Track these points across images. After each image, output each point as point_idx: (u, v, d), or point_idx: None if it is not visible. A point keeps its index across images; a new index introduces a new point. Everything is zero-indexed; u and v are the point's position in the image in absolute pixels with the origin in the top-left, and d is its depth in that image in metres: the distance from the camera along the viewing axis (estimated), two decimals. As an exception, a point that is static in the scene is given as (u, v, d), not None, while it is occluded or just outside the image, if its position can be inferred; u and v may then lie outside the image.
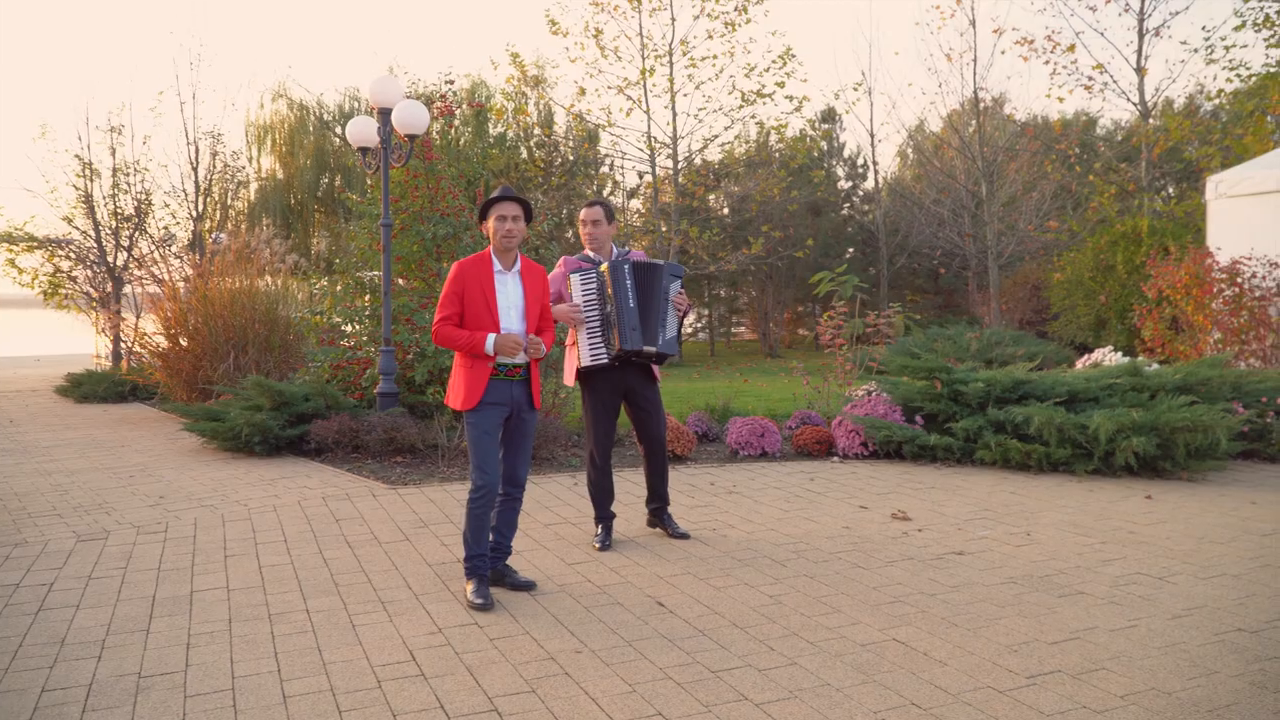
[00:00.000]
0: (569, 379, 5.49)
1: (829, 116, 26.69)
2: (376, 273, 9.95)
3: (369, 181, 10.61)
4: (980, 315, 22.21)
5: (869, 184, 27.03)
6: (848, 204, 27.32)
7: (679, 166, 21.06)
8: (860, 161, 27.26)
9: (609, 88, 20.54)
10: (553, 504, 6.49)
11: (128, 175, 16.32)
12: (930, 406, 7.91)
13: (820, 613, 4.24)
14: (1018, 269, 22.21)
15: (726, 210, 23.49)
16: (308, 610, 4.39)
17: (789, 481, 7.12)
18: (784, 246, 22.30)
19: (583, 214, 5.46)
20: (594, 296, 5.27)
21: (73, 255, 17.17)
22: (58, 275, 17.08)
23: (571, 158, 22.56)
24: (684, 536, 5.53)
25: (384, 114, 8.76)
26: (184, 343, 11.98)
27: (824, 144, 25.98)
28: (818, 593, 4.52)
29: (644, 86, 20.55)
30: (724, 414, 9.56)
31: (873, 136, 24.57)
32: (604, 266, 5.26)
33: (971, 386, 7.65)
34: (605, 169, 22.89)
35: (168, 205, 16.54)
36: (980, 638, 3.92)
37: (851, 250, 26.49)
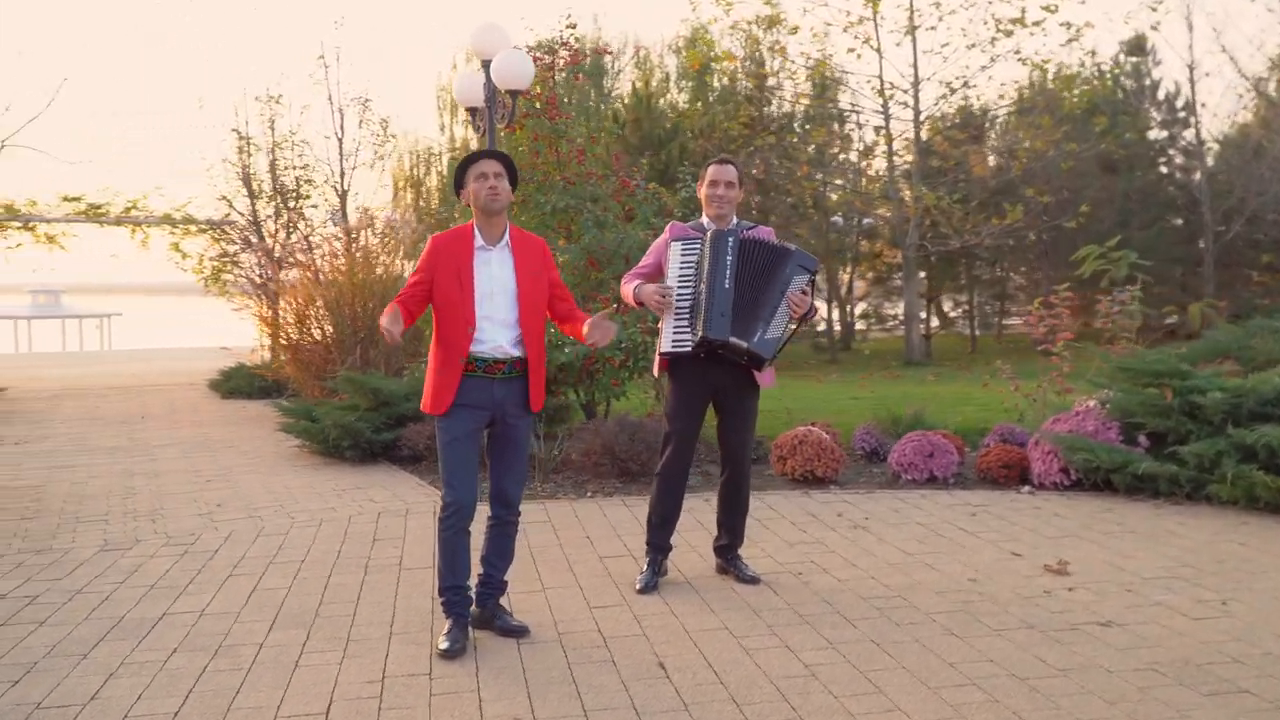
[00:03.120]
0: (655, 367, 5.36)
1: (1136, 48, 24.61)
2: None
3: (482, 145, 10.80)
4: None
5: (1190, 133, 24.68)
6: (1163, 159, 25.10)
7: (920, 118, 20.15)
8: (1180, 104, 24.94)
9: (828, 24, 19.99)
10: (629, 531, 6.34)
11: (285, 149, 17.64)
12: (1156, 423, 7.06)
13: (856, 692, 3.85)
14: None
15: (995, 166, 22.14)
16: (262, 644, 4.50)
17: (942, 516, 6.58)
18: (1052, 214, 20.74)
19: (710, 171, 5.22)
20: (691, 272, 5.09)
21: (237, 238, 18.76)
22: (221, 260, 18.75)
23: (796, 108, 22.13)
24: (752, 581, 5.24)
25: (488, 68, 8.91)
26: (316, 334, 12.81)
27: (1126, 81, 23.98)
28: (872, 664, 4.11)
29: (874, 20, 19.82)
30: (911, 426, 9.03)
31: (1191, 71, 22.41)
32: (708, 236, 5.07)
33: (1209, 397, 6.74)
34: (834, 124, 22.28)
35: (315, 183, 17.71)
36: (1052, 743, 3.40)
37: (1167, 218, 24.33)
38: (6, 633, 4.72)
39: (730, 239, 5.04)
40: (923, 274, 24.11)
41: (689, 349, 5.06)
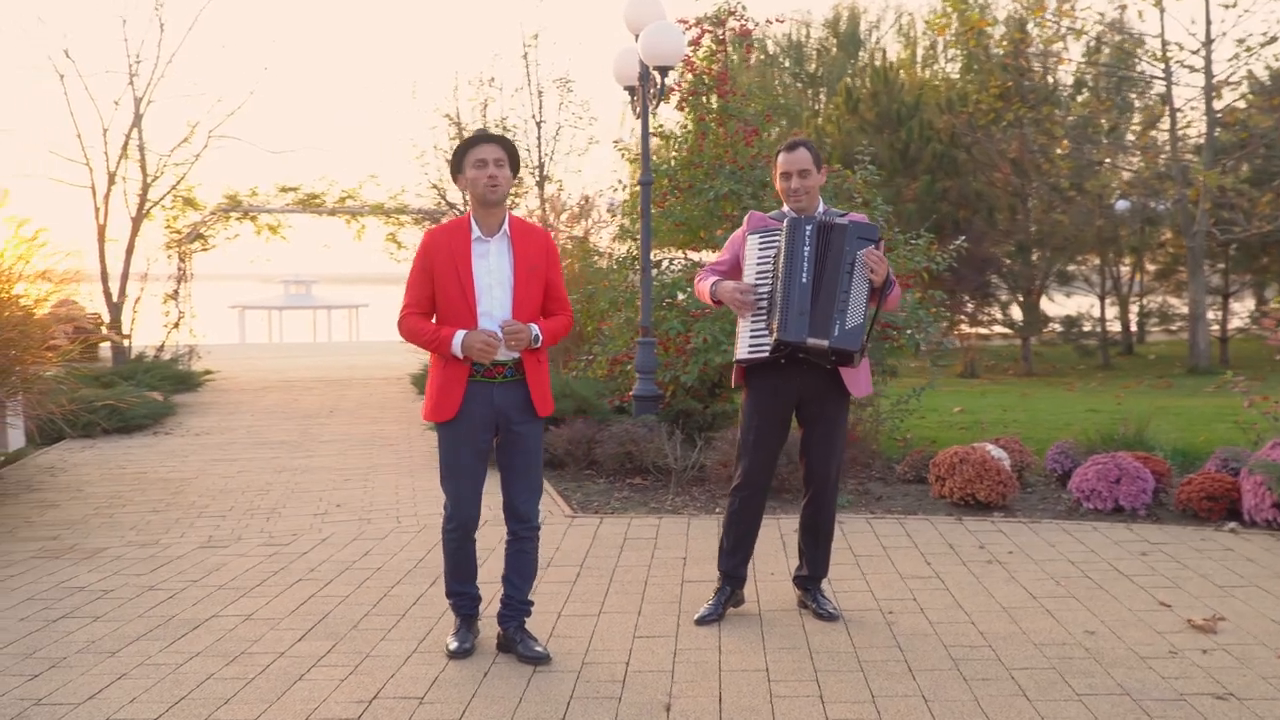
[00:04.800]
0: (734, 377, 5.25)
1: None
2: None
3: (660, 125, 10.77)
4: None
5: None
6: None
7: (1212, 83, 18.56)
8: None
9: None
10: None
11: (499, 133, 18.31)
12: (1398, 452, 6.23)
13: (865, 755, 3.61)
14: None
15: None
16: (282, 654, 4.70)
17: (1105, 553, 6.07)
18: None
19: (780, 161, 5.02)
20: (769, 267, 4.94)
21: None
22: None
23: (1062, 76, 20.94)
24: (829, 618, 5.01)
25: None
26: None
27: None
28: (906, 725, 3.84)
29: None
30: (1127, 445, 8.40)
31: None
32: (784, 225, 4.92)
33: None
34: (1105, 94, 20.91)
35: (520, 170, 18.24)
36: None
37: None
38: (60, 626, 5.14)
39: (808, 227, 4.82)
40: (1222, 266, 22.27)
41: (767, 354, 4.88)
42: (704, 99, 9.90)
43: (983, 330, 20.73)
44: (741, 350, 4.96)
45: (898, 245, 9.50)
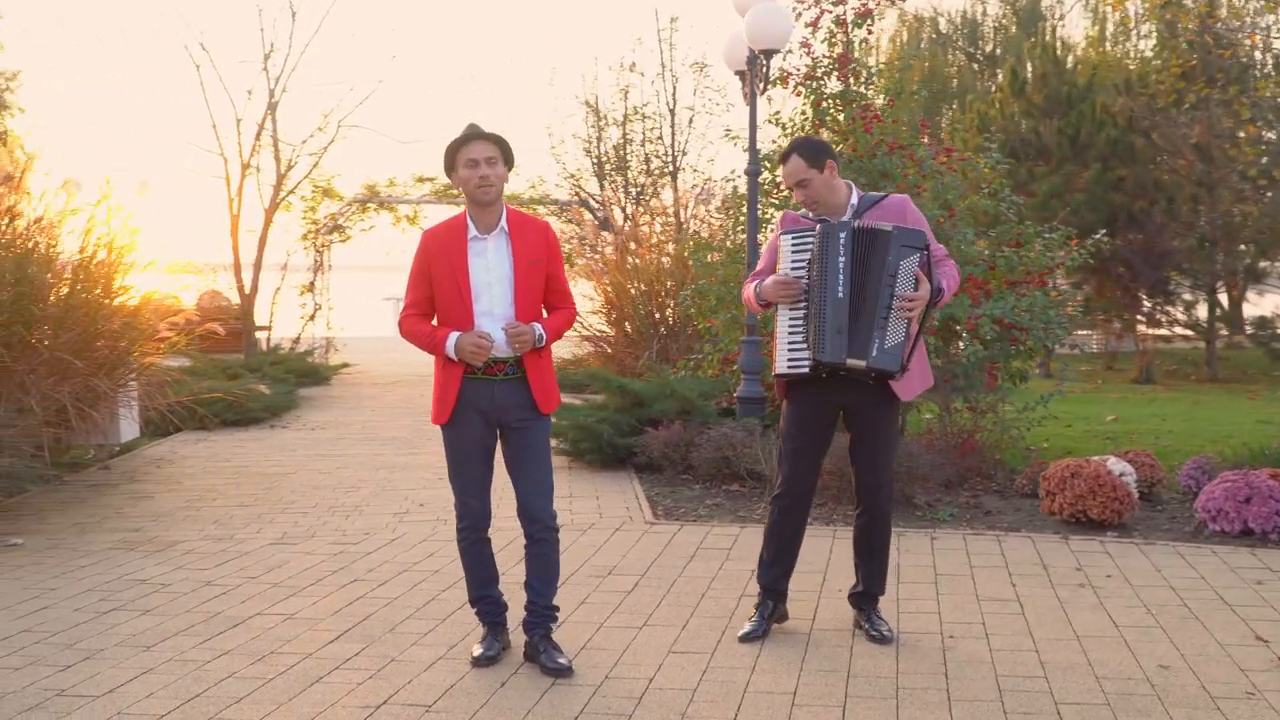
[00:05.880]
0: (777, 389, 5.22)
1: None
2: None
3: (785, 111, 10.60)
4: None
5: None
6: None
7: None
8: None
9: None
10: (802, 568, 6.08)
11: (635, 122, 18.45)
12: None
13: (865, 790, 3.52)
14: None
15: None
16: (310, 655, 4.85)
17: (1215, 580, 5.77)
18: None
19: (781, 174, 5.05)
20: (803, 270, 4.88)
21: (594, 219, 19.88)
22: (575, 243, 19.95)
23: (1270, 55, 19.84)
24: (881, 640, 4.90)
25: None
26: (627, 327, 13.35)
27: None
28: (922, 760, 3.74)
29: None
30: (1278, 462, 7.98)
31: None
32: (818, 230, 4.85)
33: None
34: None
35: (653, 160, 18.31)
36: None
37: None
38: (109, 618, 5.41)
39: (842, 234, 4.69)
40: None
41: (806, 370, 4.80)
42: (821, 83, 9.74)
43: (1163, 331, 19.85)
44: (780, 364, 4.89)
45: (1030, 239, 9.20)
